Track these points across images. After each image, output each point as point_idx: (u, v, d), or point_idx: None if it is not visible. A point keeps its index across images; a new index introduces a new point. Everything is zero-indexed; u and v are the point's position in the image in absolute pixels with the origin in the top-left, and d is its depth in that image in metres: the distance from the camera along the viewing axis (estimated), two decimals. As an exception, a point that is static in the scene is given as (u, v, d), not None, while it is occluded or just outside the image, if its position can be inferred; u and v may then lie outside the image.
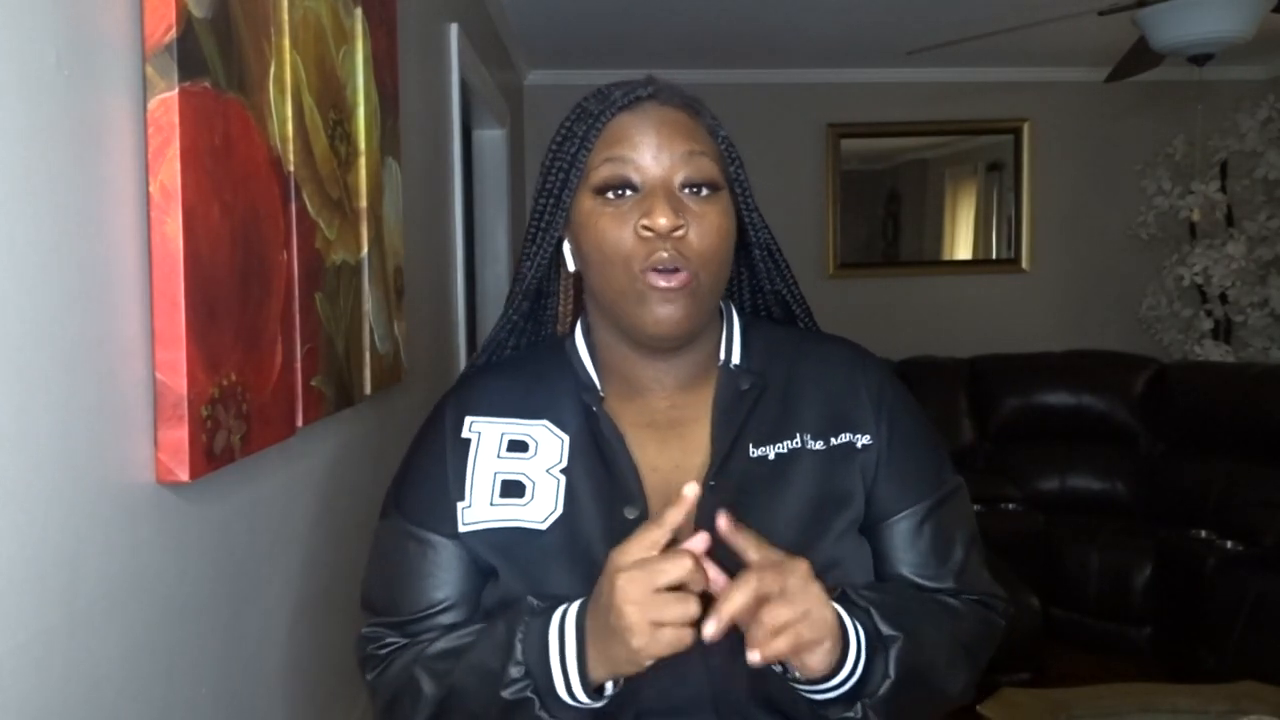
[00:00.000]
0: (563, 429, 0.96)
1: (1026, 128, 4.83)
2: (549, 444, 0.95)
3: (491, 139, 3.76)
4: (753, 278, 1.05)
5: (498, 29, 3.65)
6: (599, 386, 0.98)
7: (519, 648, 0.85)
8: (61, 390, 0.76)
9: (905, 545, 0.96)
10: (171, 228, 0.88)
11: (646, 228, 0.88)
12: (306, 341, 1.23)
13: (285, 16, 1.17)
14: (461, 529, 0.93)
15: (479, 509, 0.93)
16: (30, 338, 0.72)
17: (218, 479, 1.00)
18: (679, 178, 0.90)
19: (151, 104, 0.87)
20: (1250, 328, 4.48)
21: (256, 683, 1.16)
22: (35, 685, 0.73)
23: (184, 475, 0.89)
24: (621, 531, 0.85)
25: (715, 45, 4.24)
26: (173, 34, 0.87)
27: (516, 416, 0.97)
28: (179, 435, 0.88)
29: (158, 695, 0.92)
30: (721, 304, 1.01)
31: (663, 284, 0.88)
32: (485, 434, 0.96)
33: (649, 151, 0.90)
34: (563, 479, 0.93)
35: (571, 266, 0.99)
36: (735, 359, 0.99)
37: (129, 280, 0.85)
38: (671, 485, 0.92)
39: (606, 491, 0.93)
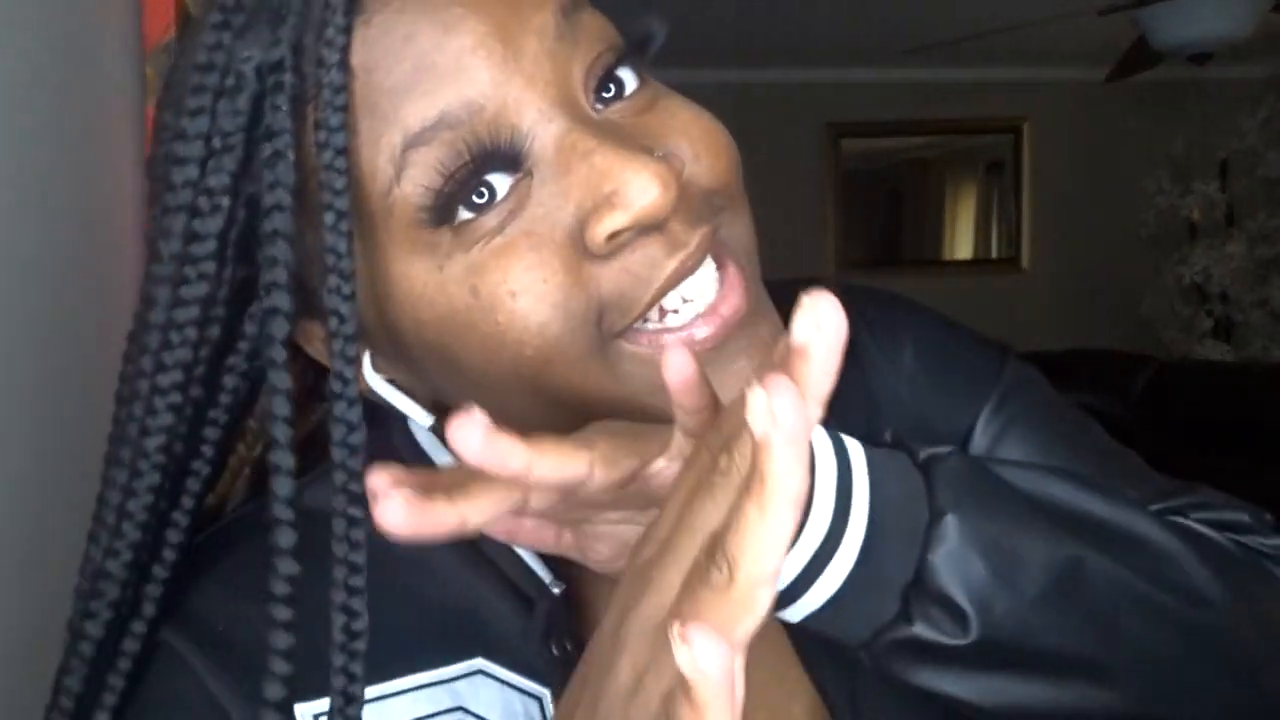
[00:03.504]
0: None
1: (1026, 127, 4.83)
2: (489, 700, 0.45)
3: (491, 139, 3.76)
4: None
5: (497, 29, 3.65)
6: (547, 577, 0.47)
7: None
8: (61, 391, 0.76)
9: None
10: (171, 228, 0.88)
11: (616, 233, 0.39)
12: (306, 341, 1.22)
13: (285, 16, 1.17)
14: None
15: None
16: (30, 338, 0.72)
17: (218, 479, 1.00)
18: (578, 77, 0.42)
19: (151, 104, 0.87)
20: (1251, 327, 4.48)
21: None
22: (35, 685, 0.73)
23: (184, 475, 0.89)
24: None
25: (713, 44, 4.24)
26: (173, 34, 0.87)
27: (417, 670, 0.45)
28: (179, 435, 0.88)
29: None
30: None
31: (704, 327, 0.41)
32: None
33: (491, 62, 0.39)
34: None
35: (387, 393, 0.47)
36: None
37: (129, 280, 0.85)
38: None
39: None
